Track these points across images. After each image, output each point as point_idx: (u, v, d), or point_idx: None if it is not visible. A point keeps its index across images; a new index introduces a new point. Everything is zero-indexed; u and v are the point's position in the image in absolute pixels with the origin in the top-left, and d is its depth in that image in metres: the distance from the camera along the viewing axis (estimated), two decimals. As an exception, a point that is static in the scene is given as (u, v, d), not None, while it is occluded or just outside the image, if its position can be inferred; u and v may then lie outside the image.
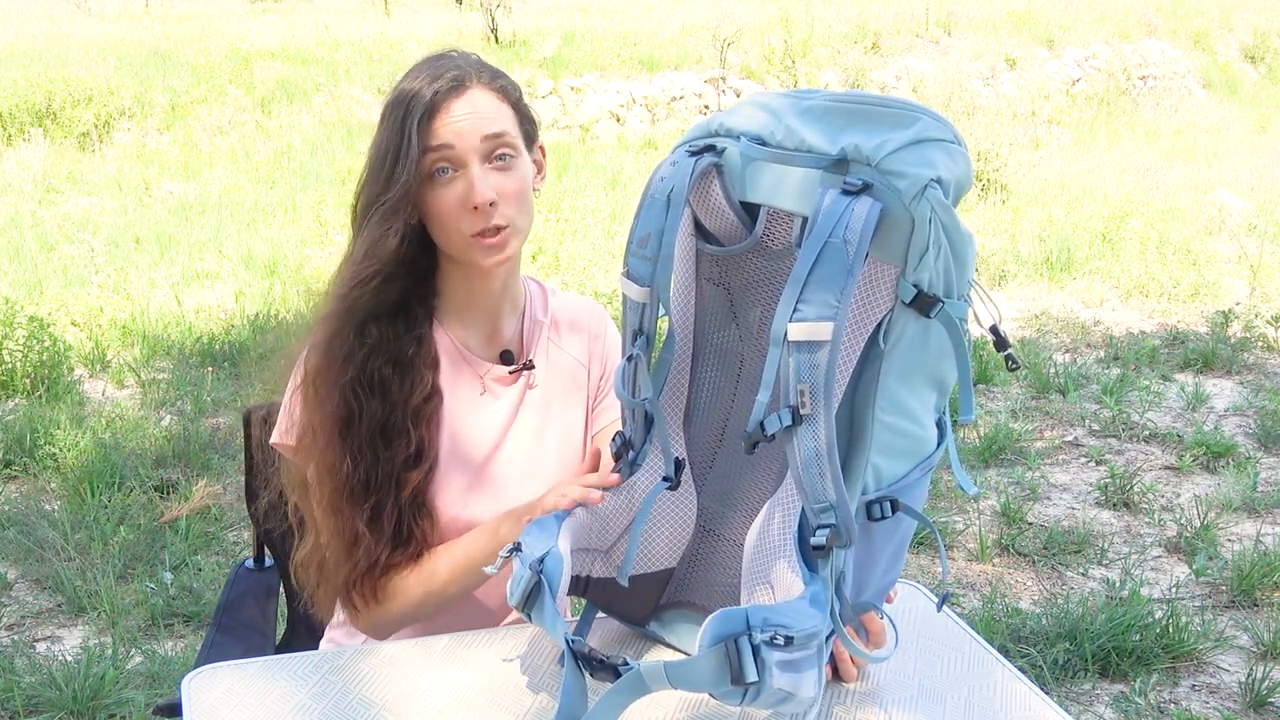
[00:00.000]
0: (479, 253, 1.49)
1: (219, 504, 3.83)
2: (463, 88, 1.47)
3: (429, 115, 1.44)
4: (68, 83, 10.01)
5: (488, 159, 1.47)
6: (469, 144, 1.45)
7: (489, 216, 1.46)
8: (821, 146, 1.15)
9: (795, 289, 1.08)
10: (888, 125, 1.13)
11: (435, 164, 1.45)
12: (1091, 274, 7.00)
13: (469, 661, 1.38)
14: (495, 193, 1.46)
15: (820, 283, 1.07)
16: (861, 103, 1.16)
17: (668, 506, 1.38)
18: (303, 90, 10.83)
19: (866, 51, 13.27)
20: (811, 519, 1.13)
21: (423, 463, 1.51)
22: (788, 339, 1.08)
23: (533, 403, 1.62)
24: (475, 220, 1.46)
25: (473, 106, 1.46)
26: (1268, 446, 4.49)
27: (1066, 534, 3.70)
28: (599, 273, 6.75)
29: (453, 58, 1.52)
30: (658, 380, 1.33)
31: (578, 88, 11.56)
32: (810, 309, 1.07)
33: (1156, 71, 14.71)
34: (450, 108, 1.45)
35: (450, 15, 15.65)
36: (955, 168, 1.13)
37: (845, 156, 1.13)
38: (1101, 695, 2.86)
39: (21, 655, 2.99)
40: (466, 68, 1.50)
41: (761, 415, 1.11)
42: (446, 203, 1.46)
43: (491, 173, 1.47)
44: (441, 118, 1.45)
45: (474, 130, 1.46)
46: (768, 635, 1.06)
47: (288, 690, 1.32)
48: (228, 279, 6.62)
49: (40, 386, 4.79)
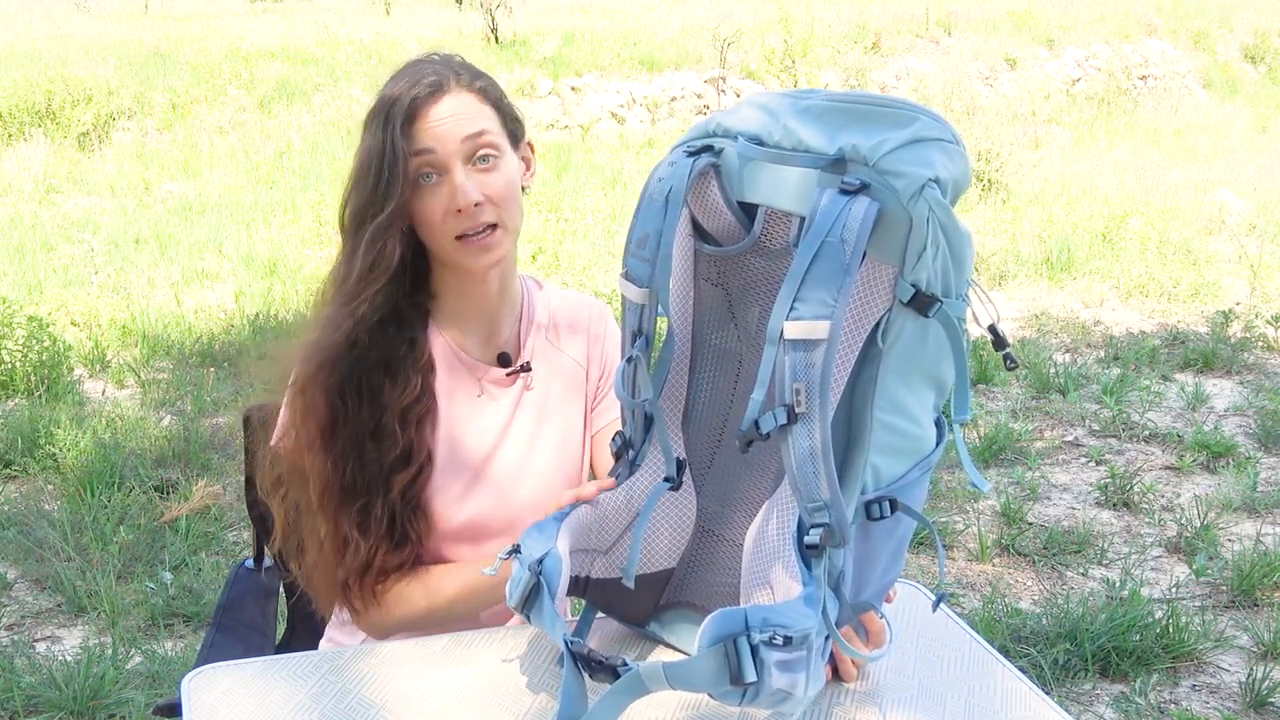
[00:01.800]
0: (467, 256, 1.49)
1: (219, 504, 3.83)
2: (441, 91, 1.47)
3: (408, 121, 1.45)
4: (68, 83, 10.01)
5: (470, 160, 1.47)
6: (450, 147, 1.45)
7: (475, 217, 1.47)
8: (819, 146, 1.15)
9: (792, 287, 1.08)
10: (886, 125, 1.13)
11: (419, 169, 1.46)
12: (1091, 274, 7.00)
13: (469, 661, 1.38)
14: (480, 193, 1.46)
15: (817, 281, 1.07)
16: (860, 102, 1.16)
17: (668, 507, 1.38)
18: (303, 90, 10.83)
19: (866, 51, 13.28)
20: (806, 518, 1.13)
21: (411, 464, 1.51)
22: (784, 337, 1.08)
23: (530, 404, 1.62)
24: (461, 222, 1.46)
25: (452, 109, 1.46)
26: (1268, 446, 4.49)
27: (1066, 534, 3.70)
28: (599, 273, 6.75)
29: (433, 61, 1.52)
30: (658, 381, 1.33)
31: (578, 88, 11.56)
32: (807, 308, 1.07)
33: (1156, 71, 14.71)
34: (429, 112, 1.45)
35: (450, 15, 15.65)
36: (953, 167, 1.13)
37: (843, 156, 1.12)
38: (1101, 695, 2.86)
39: (21, 655, 2.99)
40: (445, 71, 1.50)
41: (757, 414, 1.11)
42: (432, 207, 1.46)
43: (475, 174, 1.47)
44: (421, 122, 1.45)
45: (454, 133, 1.46)
46: (766, 635, 1.06)
47: (288, 690, 1.32)
48: (228, 279, 6.62)
49: (40, 386, 4.79)
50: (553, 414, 1.64)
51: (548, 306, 1.68)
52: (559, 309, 1.69)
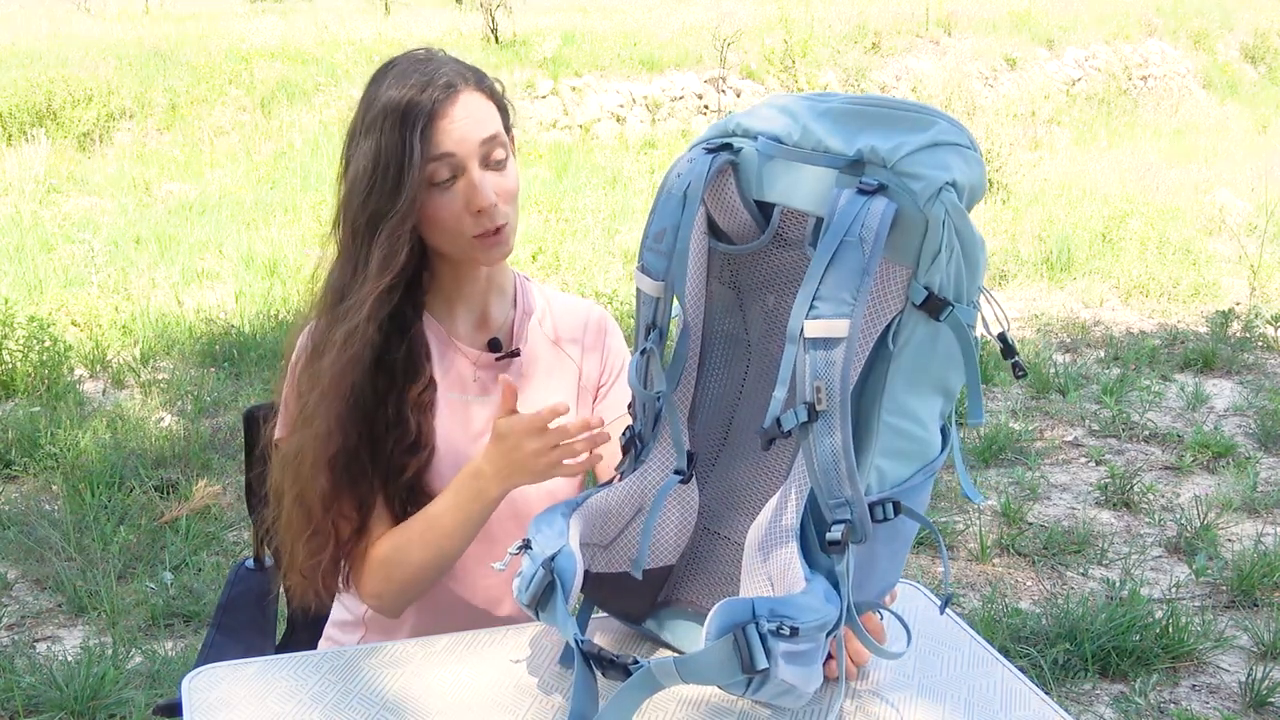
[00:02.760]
0: (481, 252, 1.51)
1: (219, 504, 3.83)
2: (456, 93, 1.47)
3: (429, 123, 1.45)
4: (68, 83, 10.01)
5: (485, 162, 1.49)
6: (469, 149, 1.47)
7: (493, 217, 1.49)
8: (838, 148, 1.16)
9: (812, 286, 1.09)
10: (905, 128, 1.14)
11: (436, 171, 1.46)
12: (1091, 274, 7.00)
13: (469, 661, 1.38)
14: (496, 193, 1.48)
15: (836, 280, 1.08)
16: (879, 106, 1.17)
17: (673, 502, 1.38)
18: (303, 90, 10.83)
19: (866, 51, 13.27)
20: (827, 514, 1.14)
21: (420, 450, 1.53)
22: (804, 335, 1.09)
23: (521, 390, 1.63)
24: (479, 222, 1.48)
25: (468, 111, 1.47)
26: (1268, 446, 4.49)
27: (1066, 534, 3.70)
28: (599, 273, 6.75)
29: (437, 60, 1.51)
30: (673, 374, 1.33)
31: (578, 88, 11.56)
32: (827, 306, 1.08)
33: (1156, 71, 14.71)
34: (449, 114, 1.46)
35: (450, 15, 15.64)
36: (970, 172, 1.13)
37: (861, 158, 1.13)
38: (1101, 695, 2.86)
39: (21, 655, 2.99)
40: (454, 72, 1.49)
41: (778, 411, 1.12)
42: (450, 208, 1.48)
43: (489, 174, 1.49)
44: (441, 124, 1.45)
45: (473, 135, 1.47)
46: (774, 625, 1.06)
47: (288, 690, 1.32)
48: (228, 279, 6.62)
49: (40, 386, 4.79)
50: (543, 400, 1.64)
51: (545, 301, 1.69)
52: (559, 310, 1.69)
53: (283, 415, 1.56)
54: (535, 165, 9.73)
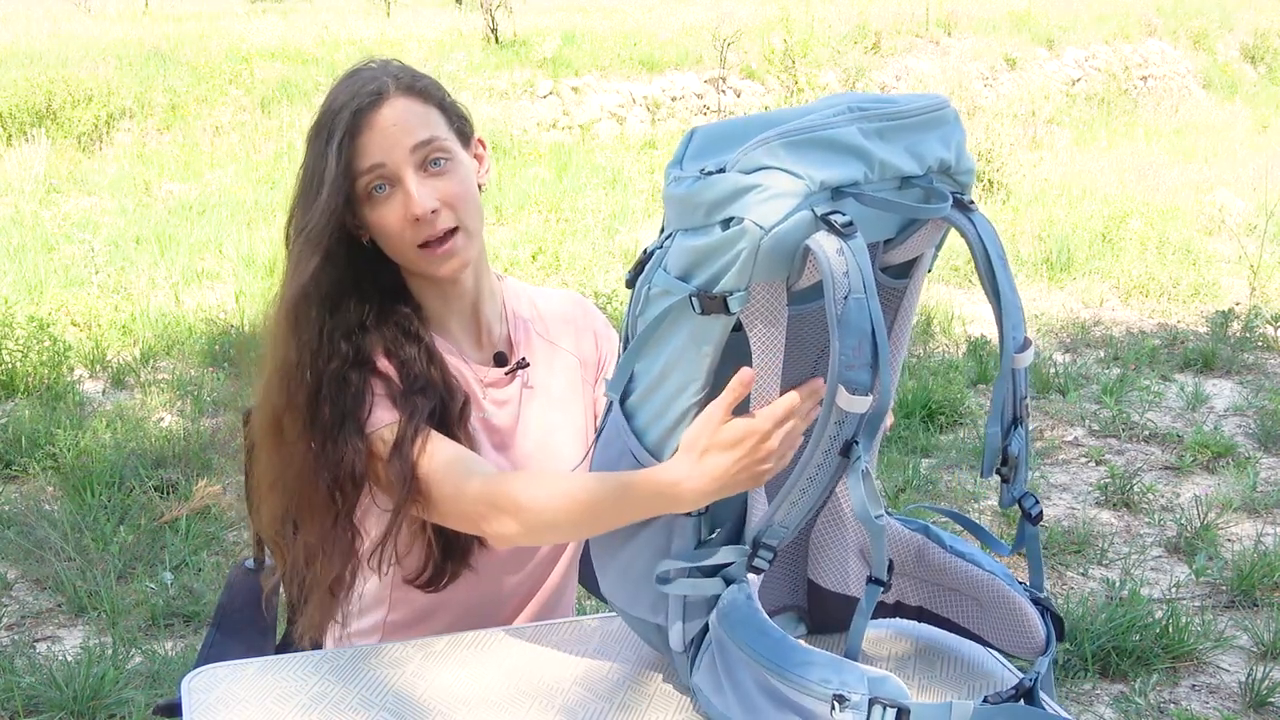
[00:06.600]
0: (432, 264, 1.47)
1: (219, 504, 3.83)
2: (381, 100, 1.44)
3: (352, 135, 1.42)
4: (68, 83, 10.00)
5: (422, 167, 1.45)
6: (399, 157, 1.43)
7: (433, 224, 1.45)
8: (909, 169, 1.17)
9: (1011, 316, 1.16)
10: (936, 127, 1.21)
11: (371, 184, 1.43)
12: (1091, 274, 7.00)
13: (469, 662, 1.38)
14: (436, 199, 1.44)
15: (1017, 300, 1.17)
16: (907, 115, 1.18)
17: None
18: (303, 90, 10.82)
19: (866, 51, 13.27)
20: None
21: None
22: (1015, 368, 1.18)
23: (534, 398, 1.62)
24: (420, 230, 1.44)
25: (396, 117, 1.44)
26: (1268, 446, 4.49)
27: (1066, 534, 3.70)
28: (599, 273, 6.75)
29: (371, 69, 1.49)
30: None
31: (578, 88, 11.56)
32: (1020, 330, 1.17)
33: (1156, 71, 14.71)
34: (373, 123, 1.42)
35: (450, 15, 15.64)
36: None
37: (929, 172, 1.18)
38: (1101, 695, 2.86)
39: (21, 655, 2.99)
40: (384, 77, 1.46)
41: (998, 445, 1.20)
42: (389, 219, 1.44)
43: (428, 180, 1.45)
44: (366, 135, 1.42)
45: (402, 141, 1.43)
46: None
47: (288, 690, 1.32)
48: (228, 279, 6.62)
49: (40, 386, 4.79)
50: (558, 404, 1.64)
51: (528, 301, 1.68)
52: (544, 306, 1.69)
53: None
54: (535, 165, 9.73)
